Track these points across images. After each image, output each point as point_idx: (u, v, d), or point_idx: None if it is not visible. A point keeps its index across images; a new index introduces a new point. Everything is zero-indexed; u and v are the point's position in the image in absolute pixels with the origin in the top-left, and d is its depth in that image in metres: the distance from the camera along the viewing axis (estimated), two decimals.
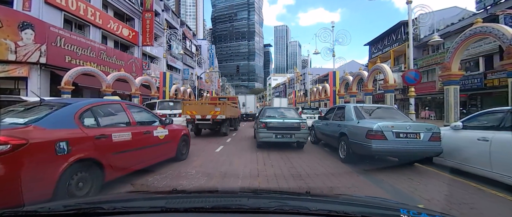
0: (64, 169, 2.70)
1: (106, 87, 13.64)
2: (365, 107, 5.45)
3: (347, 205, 1.22)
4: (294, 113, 7.87)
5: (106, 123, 3.59)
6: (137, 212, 1.04)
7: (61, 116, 2.99)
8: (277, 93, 77.52)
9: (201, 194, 1.55)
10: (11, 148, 2.29)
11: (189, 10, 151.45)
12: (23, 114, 3.02)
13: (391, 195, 3.49)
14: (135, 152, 3.91)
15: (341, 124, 5.37)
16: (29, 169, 2.42)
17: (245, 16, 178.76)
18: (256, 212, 1.02)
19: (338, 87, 18.18)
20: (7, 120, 2.76)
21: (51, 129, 2.76)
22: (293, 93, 40.40)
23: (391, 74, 11.42)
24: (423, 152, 4.48)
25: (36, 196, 2.47)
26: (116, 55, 19.72)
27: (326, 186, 3.88)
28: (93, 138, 3.15)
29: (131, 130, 3.87)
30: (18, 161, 2.35)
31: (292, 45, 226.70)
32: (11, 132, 2.41)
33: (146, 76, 16.45)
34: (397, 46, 27.00)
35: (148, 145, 4.25)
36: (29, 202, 2.01)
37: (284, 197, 1.42)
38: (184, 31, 35.15)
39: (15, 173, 2.31)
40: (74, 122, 3.04)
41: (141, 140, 4.05)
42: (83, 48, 16.64)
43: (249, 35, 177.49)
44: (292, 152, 6.81)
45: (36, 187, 2.47)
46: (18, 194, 2.28)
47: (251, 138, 9.67)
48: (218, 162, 5.56)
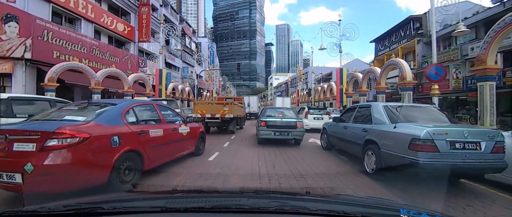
0: (117, 158, 3.22)
1: (95, 84, 12.56)
2: (398, 107, 4.29)
3: (347, 205, 1.21)
4: (292, 113, 8.61)
5: (143, 120, 4.14)
6: (137, 212, 1.03)
7: (112, 115, 3.52)
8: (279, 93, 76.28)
9: (201, 194, 1.56)
10: (80, 140, 2.85)
11: (190, 9, 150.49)
12: (79, 112, 3.54)
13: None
14: (166, 146, 4.44)
15: (368, 128, 4.22)
16: (92, 157, 2.97)
17: (246, 14, 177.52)
18: (256, 212, 1.01)
19: (345, 86, 16.99)
20: (67, 117, 3.28)
21: (106, 125, 3.28)
22: (295, 92, 39.21)
23: (409, 70, 10.26)
24: (483, 168, 3.35)
25: (96, 179, 3.04)
26: (110, 51, 18.63)
27: (327, 186, 3.82)
28: (136, 133, 3.70)
29: (162, 127, 4.42)
30: (84, 151, 2.89)
31: (294, 44, 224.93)
32: (77, 127, 2.96)
33: (140, 74, 15.35)
34: (406, 42, 25.74)
35: (175, 140, 4.81)
36: (29, 203, 1.73)
37: (284, 197, 1.40)
38: (184, 27, 34.04)
39: (83, 160, 2.87)
40: (121, 120, 3.58)
41: (170, 135, 4.59)
42: (73, 43, 15.57)
43: (250, 34, 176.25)
44: (299, 158, 5.81)
45: (96, 172, 3.03)
46: (84, 176, 2.91)
47: (254, 135, 10.09)
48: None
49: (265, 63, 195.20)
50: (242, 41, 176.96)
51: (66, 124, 3.01)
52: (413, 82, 10.47)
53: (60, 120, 3.24)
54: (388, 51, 28.54)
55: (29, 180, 2.63)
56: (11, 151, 2.73)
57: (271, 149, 6.82)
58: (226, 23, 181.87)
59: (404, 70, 10.21)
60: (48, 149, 2.74)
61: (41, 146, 2.72)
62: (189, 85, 25.65)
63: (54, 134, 2.79)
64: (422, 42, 24.49)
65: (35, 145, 2.72)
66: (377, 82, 12.56)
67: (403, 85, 10.42)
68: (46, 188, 2.72)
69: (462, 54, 20.24)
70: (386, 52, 28.79)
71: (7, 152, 2.74)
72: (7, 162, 2.72)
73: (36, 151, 2.71)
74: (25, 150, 2.72)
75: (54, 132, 2.80)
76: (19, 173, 2.63)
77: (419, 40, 24.39)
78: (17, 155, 2.72)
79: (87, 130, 3.00)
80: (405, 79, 10.16)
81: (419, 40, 24.39)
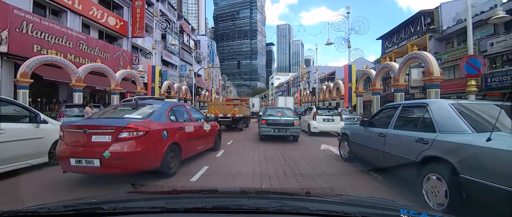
0: (166, 149, 4.07)
1: (76, 81, 11.18)
2: (472, 107, 2.81)
3: (347, 205, 1.22)
4: (290, 112, 9.61)
5: (180, 118, 5.00)
6: (137, 212, 1.04)
7: (160, 113, 4.42)
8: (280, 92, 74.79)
9: (201, 194, 1.56)
10: (143, 134, 3.72)
11: (191, 8, 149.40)
12: (133, 112, 4.38)
13: None
14: (195, 141, 5.38)
15: (429, 139, 2.74)
16: (150, 146, 3.82)
17: (247, 14, 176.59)
18: (256, 212, 1.01)
19: (354, 84, 15.54)
20: (127, 115, 4.19)
21: (157, 122, 4.16)
22: (298, 92, 37.73)
23: (436, 64, 8.82)
24: None
25: (153, 164, 3.88)
26: (99, 46, 17.25)
27: (327, 186, 3.86)
28: (177, 129, 4.59)
29: (192, 124, 5.35)
30: (146, 141, 3.74)
31: (295, 44, 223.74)
32: (140, 123, 3.85)
33: (129, 70, 13.94)
34: (416, 39, 24.24)
35: (201, 136, 5.69)
36: (28, 205, 1.42)
37: (284, 197, 1.40)
38: (182, 24, 32.65)
39: (144, 148, 3.71)
40: (166, 118, 4.49)
41: (198, 131, 5.52)
42: (57, 37, 14.20)
43: (251, 33, 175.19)
44: (313, 171, 4.53)
45: (153, 158, 3.87)
46: (145, 161, 3.75)
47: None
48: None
49: (266, 63, 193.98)
50: (243, 41, 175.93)
51: (131, 121, 3.85)
52: (441, 78, 9.01)
53: (123, 117, 4.07)
54: (397, 48, 27.13)
55: (106, 164, 3.39)
56: (90, 141, 3.48)
57: (277, 162, 5.43)
58: (227, 23, 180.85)
59: (431, 64, 8.79)
60: (120, 140, 3.52)
61: (116, 137, 3.51)
62: (186, 84, 24.23)
63: (125, 128, 3.58)
64: (434, 38, 23.01)
65: (111, 137, 3.50)
66: (395, 79, 11.10)
67: (429, 82, 8.96)
68: (118, 170, 3.54)
69: (480, 50, 18.76)
70: (395, 49, 27.36)
71: (86, 142, 3.50)
72: (87, 151, 3.46)
73: (111, 141, 3.48)
74: (102, 141, 3.49)
75: (125, 126, 3.59)
76: (98, 159, 3.37)
77: (431, 36, 22.94)
78: (96, 145, 3.46)
79: (147, 125, 3.84)
80: (432, 74, 8.73)
81: (431, 36, 22.94)
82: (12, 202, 3.04)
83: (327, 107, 11.48)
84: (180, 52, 31.19)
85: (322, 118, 10.61)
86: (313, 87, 29.43)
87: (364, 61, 46.41)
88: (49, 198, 3.09)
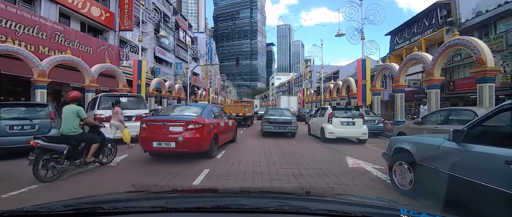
0: (212, 137, 5.87)
1: (39, 75, 9.20)
2: None
3: (347, 205, 1.20)
4: (289, 112, 11.12)
5: (217, 116, 6.86)
6: (137, 212, 1.03)
7: (206, 111, 6.26)
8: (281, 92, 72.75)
9: (201, 194, 1.63)
10: (201, 126, 5.48)
11: (191, 8, 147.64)
12: (187, 110, 6.31)
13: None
14: (225, 133, 7.16)
15: None
16: (205, 134, 5.54)
17: (247, 14, 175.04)
18: (256, 212, 1.00)
19: (369, 81, 13.56)
20: (187, 113, 6.08)
21: (206, 118, 5.90)
22: (301, 91, 35.72)
23: (490, 52, 6.83)
24: None
25: (205, 147, 5.61)
26: (80, 39, 15.29)
27: (327, 186, 3.85)
28: (216, 124, 6.38)
29: (222, 120, 7.14)
30: (202, 131, 5.47)
31: (295, 45, 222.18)
32: (198, 119, 5.60)
33: (108, 64, 11.92)
34: (431, 33, 22.30)
35: (227, 129, 7.50)
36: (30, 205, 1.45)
37: (284, 197, 1.40)
38: (177, 20, 30.68)
39: (202, 135, 5.43)
40: (210, 114, 6.33)
41: (226, 126, 7.32)
42: (27, 27, 12.27)
43: (251, 34, 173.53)
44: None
45: (206, 143, 5.59)
46: (201, 144, 5.44)
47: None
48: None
49: (266, 63, 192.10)
50: (243, 41, 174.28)
51: (192, 117, 5.70)
52: (496, 70, 7.02)
53: (185, 115, 6.00)
54: (408, 44, 25.17)
55: (179, 145, 5.22)
56: (169, 130, 5.38)
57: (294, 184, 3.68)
58: (227, 23, 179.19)
59: (483, 53, 6.80)
60: (189, 129, 5.36)
61: (186, 128, 5.37)
62: (180, 82, 22.23)
63: (191, 122, 5.45)
64: (451, 32, 21.01)
65: (182, 127, 5.37)
66: (429, 73, 9.09)
67: (483, 75, 6.96)
68: (186, 149, 5.33)
69: (507, 43, 16.76)
70: (406, 45, 25.39)
71: (166, 131, 5.37)
72: (167, 136, 5.31)
73: (183, 130, 5.34)
74: (177, 130, 5.34)
75: (192, 121, 5.48)
76: (174, 142, 5.23)
77: (449, 30, 20.95)
78: (173, 133, 5.33)
79: (202, 120, 5.65)
80: (485, 64, 6.75)
81: (449, 30, 20.95)
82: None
83: (345, 107, 9.39)
84: (175, 49, 29.20)
85: (340, 120, 8.58)
86: (317, 86, 27.37)
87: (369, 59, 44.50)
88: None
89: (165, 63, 27.71)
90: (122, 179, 4.25)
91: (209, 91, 33.28)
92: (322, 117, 9.40)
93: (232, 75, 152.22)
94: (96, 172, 4.68)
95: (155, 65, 24.05)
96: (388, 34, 29.26)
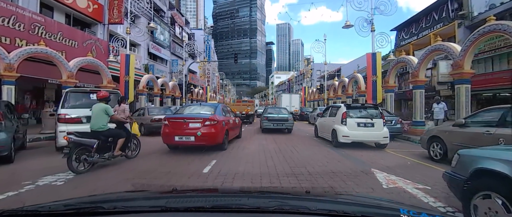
0: (224, 132, 6.81)
1: (5, 70, 7.90)
2: None
3: (347, 205, 1.20)
4: (285, 111, 12.78)
5: (227, 114, 7.76)
6: (137, 212, 1.02)
7: (219, 110, 7.06)
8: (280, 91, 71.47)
9: (201, 194, 1.59)
10: (216, 123, 6.40)
11: (190, 7, 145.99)
12: (202, 109, 7.18)
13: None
14: (233, 129, 8.11)
15: None
16: (218, 130, 6.43)
17: (247, 12, 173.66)
18: (256, 212, 1.00)
19: (380, 76, 12.31)
20: (202, 111, 6.91)
21: (219, 115, 6.79)
22: (302, 89, 34.43)
23: None
24: None
25: (219, 141, 6.53)
26: (63, 32, 13.99)
27: (327, 186, 3.78)
28: (227, 121, 7.30)
29: (232, 118, 8.18)
30: (217, 127, 6.40)
31: (295, 44, 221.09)
32: (213, 116, 6.49)
33: (90, 58, 10.52)
34: (441, 27, 21.02)
35: (235, 126, 8.46)
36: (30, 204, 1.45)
37: (284, 196, 1.40)
38: (173, 15, 29.33)
39: (216, 131, 6.35)
40: (222, 113, 7.14)
41: (234, 123, 8.24)
42: (1, 17, 10.99)
43: (251, 32, 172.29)
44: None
45: (220, 137, 6.50)
46: (216, 138, 6.36)
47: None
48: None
49: (266, 62, 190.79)
50: (242, 39, 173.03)
51: (208, 115, 6.58)
52: None
53: (201, 113, 6.84)
54: (416, 39, 23.95)
55: (197, 139, 6.08)
56: (188, 126, 6.26)
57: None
58: (226, 21, 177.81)
59: None
60: (206, 125, 6.25)
61: (203, 124, 6.25)
62: (174, 80, 20.90)
63: (208, 119, 6.34)
64: (464, 26, 19.76)
65: (200, 124, 6.24)
66: (458, 65, 7.80)
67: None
68: (203, 142, 6.21)
69: None
70: (413, 41, 24.15)
71: (186, 127, 6.26)
72: (187, 131, 6.20)
73: (201, 126, 6.21)
74: (196, 126, 6.22)
75: (208, 118, 6.36)
76: (193, 136, 6.11)
77: (461, 24, 19.70)
78: (192, 128, 6.22)
79: (216, 118, 6.53)
80: None
81: (461, 24, 19.70)
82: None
83: (361, 106, 7.94)
84: (171, 46, 27.88)
85: (356, 121, 7.21)
86: (321, 83, 26.06)
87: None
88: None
89: (160, 60, 26.38)
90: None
91: (206, 90, 31.94)
92: (333, 117, 8.00)
93: (232, 74, 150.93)
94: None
95: (149, 62, 22.73)
96: (394, 29, 28.02)
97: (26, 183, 3.67)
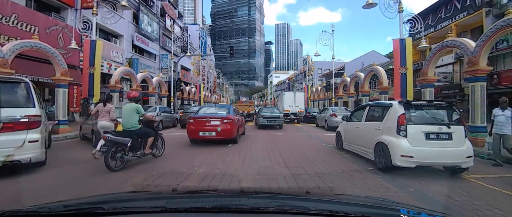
0: (237, 128, 8.38)
1: None
2: None
3: (347, 205, 1.19)
4: (277, 110, 15.58)
5: (236, 114, 9.29)
6: (137, 212, 1.03)
7: (231, 110, 8.48)
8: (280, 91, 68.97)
9: (201, 194, 1.57)
10: (232, 120, 7.95)
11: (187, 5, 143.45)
12: (218, 109, 8.74)
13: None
14: (241, 127, 9.64)
15: None
16: (234, 127, 7.93)
17: (245, 12, 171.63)
18: (256, 212, 1.00)
19: (411, 67, 9.83)
20: (219, 112, 8.33)
21: (233, 115, 8.25)
22: (305, 88, 31.92)
23: None
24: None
25: (233, 136, 7.98)
26: (19, 14, 11.40)
27: (327, 186, 3.73)
28: (238, 119, 8.83)
29: (240, 117, 9.79)
30: (232, 124, 7.89)
31: (293, 44, 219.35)
32: (229, 115, 8.01)
33: (32, 41, 7.75)
34: (465, 17, 18.59)
35: (242, 124, 9.94)
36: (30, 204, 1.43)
37: (284, 197, 1.37)
38: (164, 5, 26.74)
39: (232, 127, 7.84)
40: (233, 112, 8.56)
41: (241, 121, 9.93)
42: None
43: (249, 32, 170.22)
44: None
45: (234, 133, 7.96)
46: (231, 134, 7.81)
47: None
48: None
49: (264, 62, 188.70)
50: (241, 39, 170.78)
51: (225, 114, 7.94)
52: None
53: (218, 112, 8.20)
54: (433, 32, 21.52)
55: (218, 134, 7.45)
56: (210, 124, 7.58)
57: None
58: (224, 20, 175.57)
59: None
60: (224, 123, 7.59)
61: (222, 122, 7.59)
62: (161, 75, 18.26)
63: (226, 117, 7.75)
64: (492, 14, 17.31)
65: (220, 121, 7.59)
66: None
67: None
68: (223, 137, 7.52)
69: None
70: (430, 33, 21.66)
71: (208, 124, 7.57)
72: (209, 128, 7.51)
73: (220, 124, 7.55)
74: (216, 123, 7.55)
75: (226, 117, 7.77)
76: (214, 131, 7.48)
77: (489, 12, 17.27)
78: (213, 125, 7.55)
79: (231, 116, 7.94)
80: None
81: (489, 12, 17.27)
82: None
83: (429, 104, 4.84)
84: (161, 39, 25.27)
85: (425, 129, 4.35)
86: (327, 81, 23.56)
87: (376, 55, 40.72)
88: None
89: (148, 55, 23.76)
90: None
91: (200, 89, 29.29)
92: (378, 123, 5.11)
93: (230, 73, 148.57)
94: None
95: (133, 56, 20.10)
96: (408, 21, 25.44)
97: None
